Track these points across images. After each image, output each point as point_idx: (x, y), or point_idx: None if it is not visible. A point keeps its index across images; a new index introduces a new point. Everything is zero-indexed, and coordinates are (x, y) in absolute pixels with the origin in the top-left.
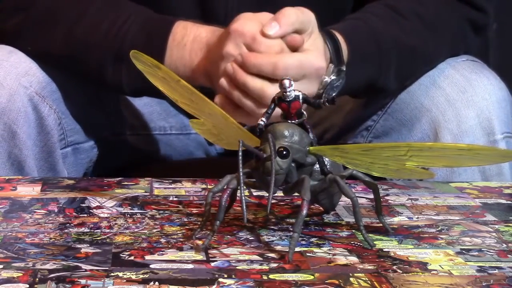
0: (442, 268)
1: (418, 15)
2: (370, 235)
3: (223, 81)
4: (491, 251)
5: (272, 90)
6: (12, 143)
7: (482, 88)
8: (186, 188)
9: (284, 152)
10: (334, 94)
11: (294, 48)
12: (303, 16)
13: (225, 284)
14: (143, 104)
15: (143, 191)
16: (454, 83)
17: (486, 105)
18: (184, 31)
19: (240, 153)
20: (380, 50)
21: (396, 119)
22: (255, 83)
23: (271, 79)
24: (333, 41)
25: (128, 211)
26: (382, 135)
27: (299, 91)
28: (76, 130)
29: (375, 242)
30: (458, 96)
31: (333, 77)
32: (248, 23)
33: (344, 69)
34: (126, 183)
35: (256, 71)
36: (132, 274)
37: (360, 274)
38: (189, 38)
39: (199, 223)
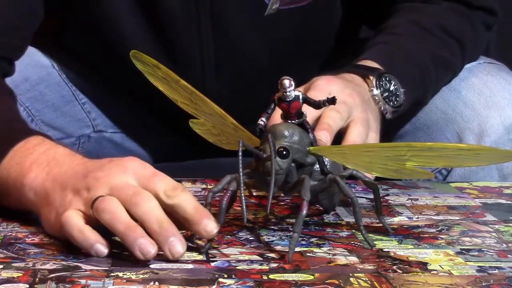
0: (442, 268)
1: (442, 27)
2: (370, 235)
3: None
4: (491, 251)
5: None
6: None
7: (500, 89)
8: (186, 188)
9: (284, 152)
10: (400, 101)
11: None
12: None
13: (225, 284)
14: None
15: None
16: (470, 86)
17: (507, 104)
18: (42, 141)
19: (240, 153)
20: (421, 70)
21: (411, 123)
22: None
23: None
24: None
25: None
26: (397, 138)
27: (299, 91)
28: (52, 126)
29: (375, 242)
30: (475, 98)
31: (387, 84)
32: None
33: (387, 74)
34: None
35: None
36: (132, 274)
37: (360, 274)
38: (42, 149)
39: None
